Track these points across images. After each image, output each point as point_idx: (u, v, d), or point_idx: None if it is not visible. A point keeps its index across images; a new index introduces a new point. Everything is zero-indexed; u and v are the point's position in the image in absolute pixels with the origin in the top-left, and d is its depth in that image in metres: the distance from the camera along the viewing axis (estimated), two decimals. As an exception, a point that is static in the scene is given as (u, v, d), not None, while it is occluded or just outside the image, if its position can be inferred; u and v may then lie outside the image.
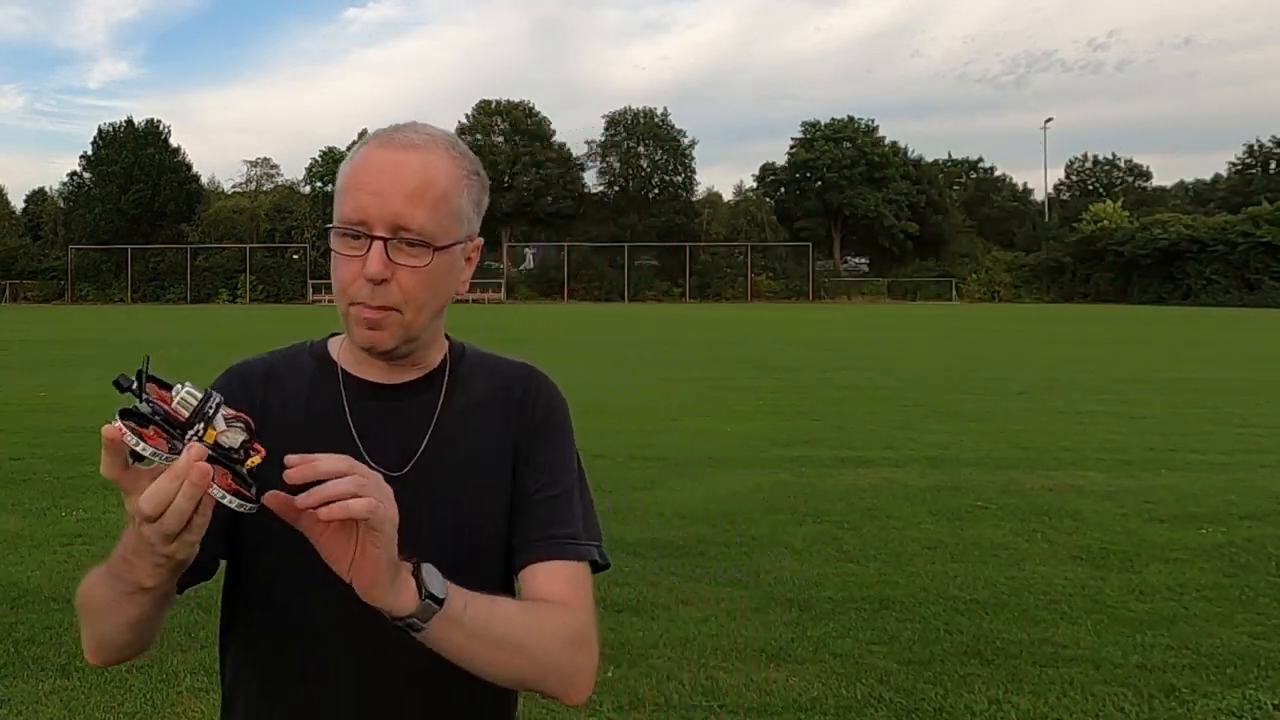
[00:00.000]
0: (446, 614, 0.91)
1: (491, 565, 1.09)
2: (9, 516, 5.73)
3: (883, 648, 3.79)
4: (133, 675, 3.45)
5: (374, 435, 1.08)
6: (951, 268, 64.25)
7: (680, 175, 68.16)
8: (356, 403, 1.10)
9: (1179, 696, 3.37)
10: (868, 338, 24.33)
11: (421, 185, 1.01)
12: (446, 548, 1.03)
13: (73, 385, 12.38)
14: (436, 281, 1.05)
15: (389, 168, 1.01)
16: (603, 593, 4.30)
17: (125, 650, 1.01)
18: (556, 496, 1.10)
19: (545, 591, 1.05)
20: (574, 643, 1.01)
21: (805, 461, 7.46)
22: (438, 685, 1.05)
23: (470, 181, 1.07)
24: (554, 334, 25.61)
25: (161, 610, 0.98)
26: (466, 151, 1.09)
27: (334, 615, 1.01)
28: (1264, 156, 67.06)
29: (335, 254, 1.04)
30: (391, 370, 1.12)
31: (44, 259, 62.75)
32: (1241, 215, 53.83)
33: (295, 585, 1.04)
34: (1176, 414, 10.09)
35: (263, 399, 1.10)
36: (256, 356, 1.18)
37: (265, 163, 73.20)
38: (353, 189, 1.02)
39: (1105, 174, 75.62)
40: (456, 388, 1.14)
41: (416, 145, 1.03)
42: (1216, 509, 5.97)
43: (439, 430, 1.10)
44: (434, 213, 1.02)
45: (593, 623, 1.05)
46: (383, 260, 1.00)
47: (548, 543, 1.07)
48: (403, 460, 1.08)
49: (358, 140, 1.09)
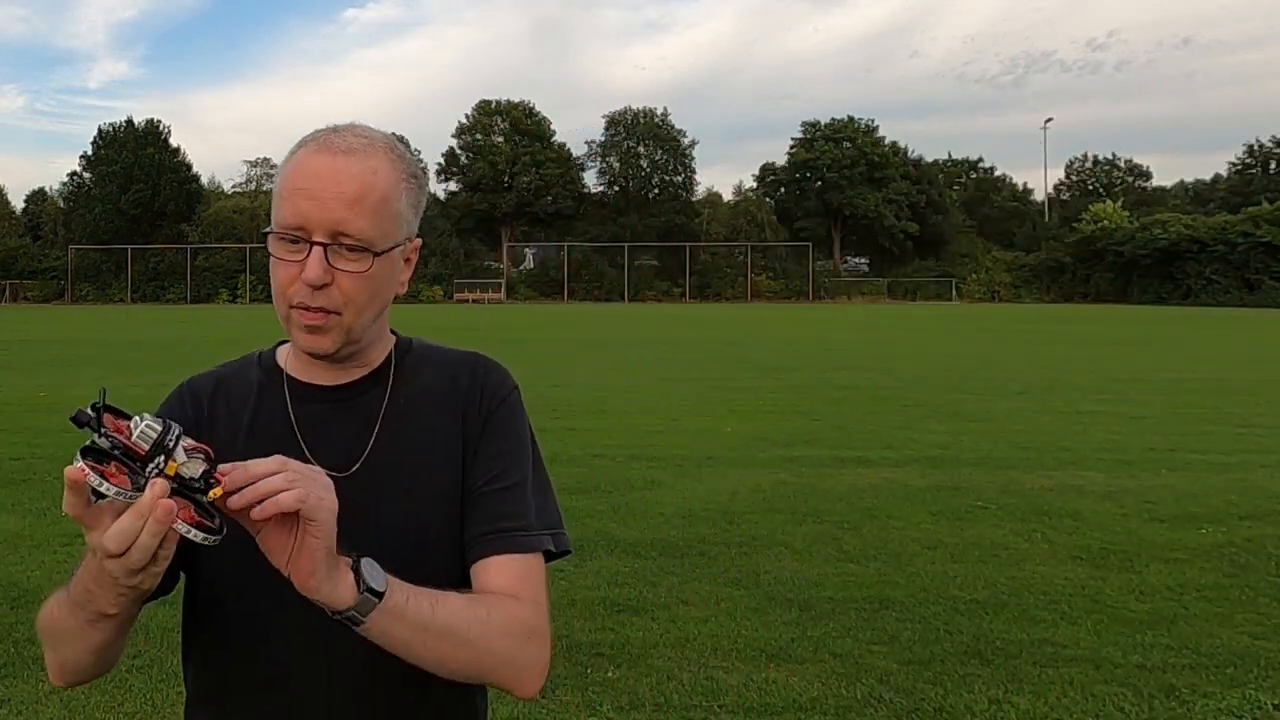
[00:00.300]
0: (386, 607, 0.90)
1: (442, 559, 1.08)
2: (9, 516, 5.72)
3: (883, 648, 3.79)
4: (133, 675, 3.45)
5: (319, 438, 1.09)
6: (951, 268, 64.27)
7: (680, 175, 68.22)
8: (301, 407, 1.11)
9: (1179, 696, 3.37)
10: (868, 338, 24.33)
11: (361, 190, 1.01)
12: (395, 544, 1.03)
13: (73, 385, 12.38)
14: (376, 284, 1.05)
15: (327, 173, 1.01)
16: (603, 593, 4.31)
17: (89, 671, 1.03)
18: (506, 488, 1.09)
19: (495, 585, 1.04)
20: (522, 634, 1.01)
21: (805, 461, 7.45)
22: (406, 685, 1.04)
23: (409, 184, 1.07)
24: (554, 334, 25.62)
25: (123, 634, 1.00)
26: (405, 153, 1.08)
27: (295, 619, 1.01)
28: (1264, 156, 67.08)
29: (274, 258, 1.04)
30: (337, 371, 1.12)
31: (44, 259, 62.76)
32: (1241, 215, 53.85)
33: (251, 591, 1.04)
34: (1176, 414, 10.09)
35: (210, 412, 1.12)
36: (205, 371, 1.18)
37: (265, 163, 73.17)
38: (291, 194, 1.02)
39: (1105, 174, 75.66)
40: (402, 382, 1.14)
41: (355, 150, 1.02)
42: (1216, 509, 5.97)
43: (385, 426, 1.10)
44: (374, 218, 1.02)
45: (543, 614, 1.04)
46: (322, 265, 1.00)
47: (497, 536, 1.06)
48: (349, 460, 1.08)
49: (296, 143, 1.07)
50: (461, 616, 0.97)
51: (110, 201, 61.31)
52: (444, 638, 0.95)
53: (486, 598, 1.02)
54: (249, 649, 1.06)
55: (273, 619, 1.04)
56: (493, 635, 0.98)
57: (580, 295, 61.88)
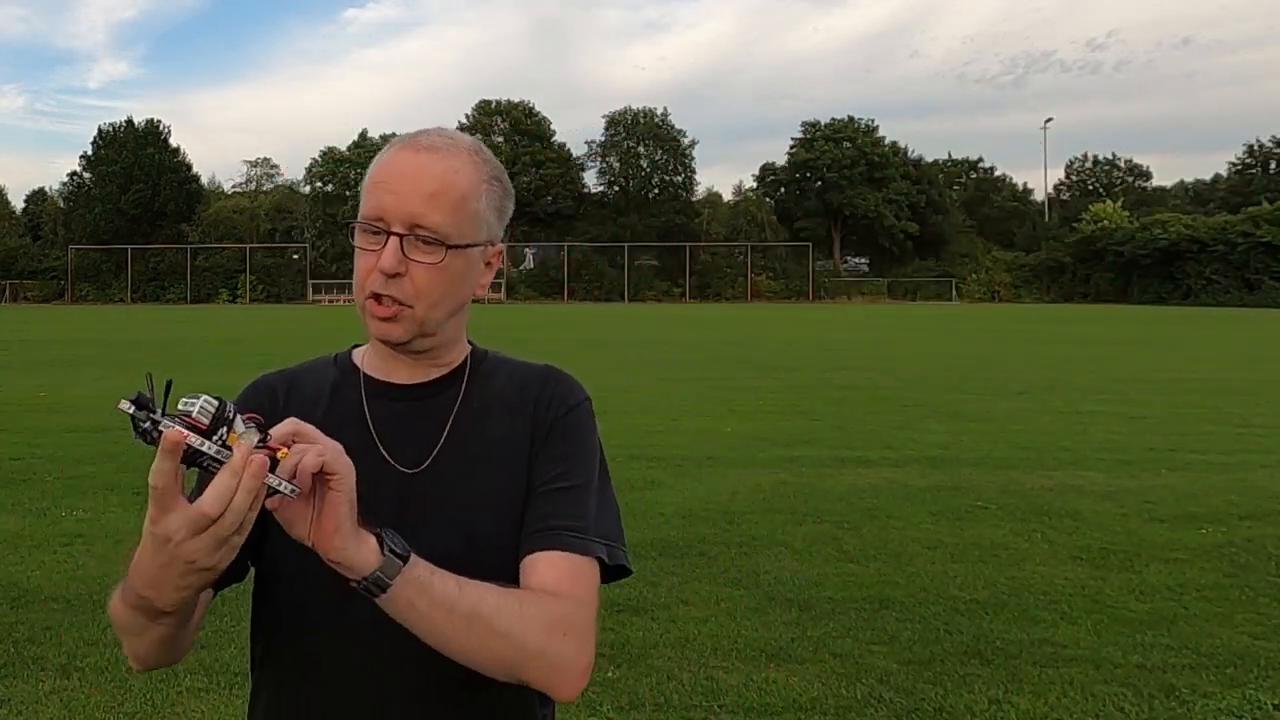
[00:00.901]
0: (410, 576, 0.89)
1: (498, 562, 1.08)
2: (9, 516, 5.72)
3: (883, 648, 3.79)
4: (133, 675, 3.45)
5: (393, 435, 1.11)
6: (951, 268, 64.26)
7: (680, 175, 68.19)
8: (376, 404, 1.13)
9: (1179, 696, 3.37)
10: (868, 338, 24.33)
11: (440, 186, 1.05)
12: (455, 543, 1.04)
13: (73, 385, 12.38)
14: (450, 279, 1.07)
15: (409, 168, 1.05)
16: (603, 593, 4.29)
17: (162, 659, 1.04)
18: (564, 489, 1.08)
19: (538, 581, 1.01)
20: (558, 628, 0.96)
21: (805, 461, 7.45)
22: (460, 688, 1.04)
23: (491, 186, 1.11)
24: (554, 334, 25.61)
25: (186, 624, 1.00)
26: (490, 158, 1.12)
27: (343, 607, 1.02)
28: (1264, 156, 67.08)
29: (356, 248, 1.08)
30: (413, 370, 1.14)
31: (44, 259, 62.76)
32: (1241, 215, 53.85)
33: (302, 580, 1.05)
34: (1176, 414, 10.09)
35: (284, 405, 1.13)
36: (277, 370, 1.21)
37: (265, 163, 73.40)
38: (374, 187, 1.07)
39: (1105, 174, 75.65)
40: (475, 386, 1.16)
41: (438, 148, 1.07)
42: (1216, 509, 5.97)
43: (456, 426, 1.12)
44: (451, 214, 1.05)
45: (586, 613, 1.00)
46: (397, 255, 1.04)
47: (548, 532, 1.04)
48: (419, 458, 1.10)
49: (381, 143, 1.11)
50: (491, 604, 0.94)
51: (110, 201, 61.31)
52: (472, 621, 0.92)
53: (523, 591, 1.00)
54: (298, 636, 1.09)
55: (319, 609, 1.06)
56: (525, 627, 0.95)
57: (580, 295, 61.88)
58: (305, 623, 1.08)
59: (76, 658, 3.62)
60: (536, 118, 67.48)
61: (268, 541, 1.06)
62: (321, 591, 1.00)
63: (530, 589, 1.01)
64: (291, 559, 1.01)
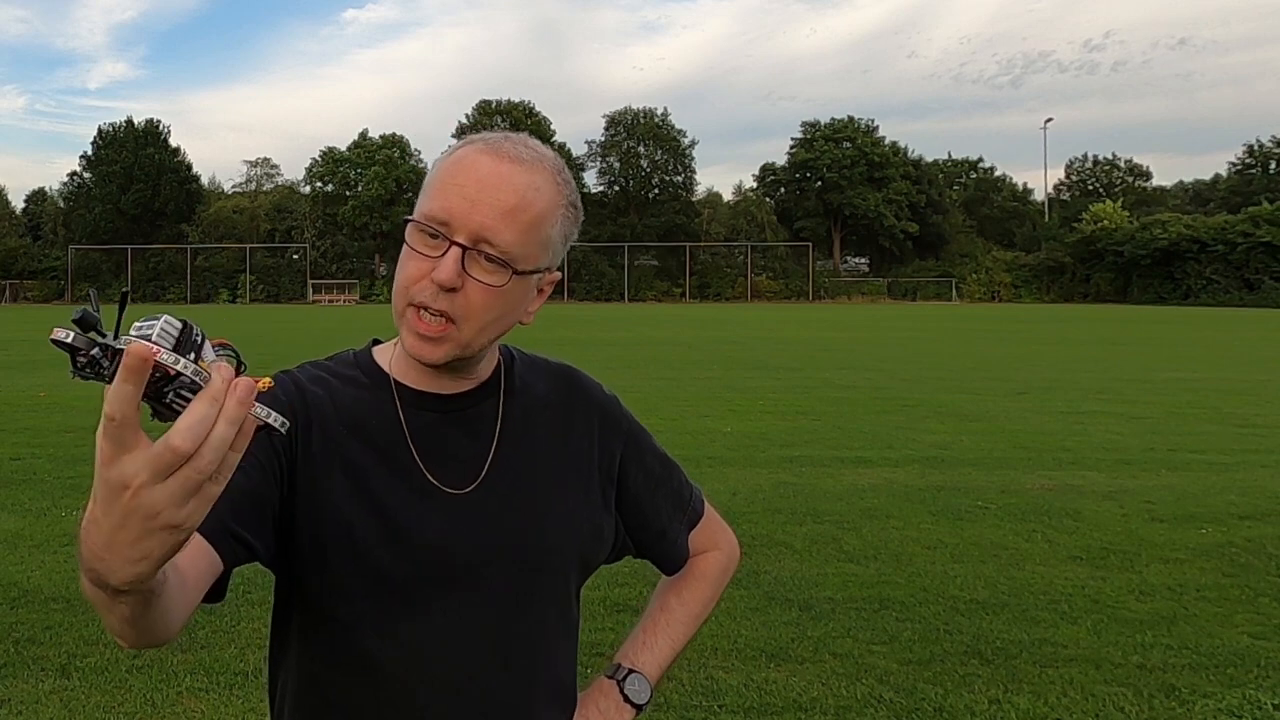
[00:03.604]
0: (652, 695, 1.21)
1: (559, 579, 1.07)
2: (9, 516, 5.72)
3: (883, 648, 3.79)
4: (133, 675, 3.45)
5: (433, 449, 1.03)
6: (951, 268, 64.24)
7: (680, 175, 68.14)
8: (412, 414, 1.04)
9: (1179, 696, 3.37)
10: (868, 338, 24.32)
11: (518, 203, 0.95)
12: (514, 564, 1.03)
13: (73, 385, 12.31)
14: (505, 305, 0.99)
15: (488, 176, 0.95)
16: (603, 593, 4.30)
17: (144, 639, 0.81)
18: (669, 477, 1.23)
19: (699, 546, 1.27)
20: (727, 572, 1.31)
21: (805, 461, 7.45)
22: None
23: (566, 213, 1.02)
24: (554, 334, 25.59)
25: (152, 608, 0.76)
26: (570, 180, 1.03)
27: (424, 659, 1.00)
28: (1264, 156, 67.01)
29: (407, 248, 0.97)
30: (446, 380, 1.05)
31: (44, 259, 62.75)
32: (1241, 215, 53.83)
33: (378, 626, 1.00)
34: (1176, 414, 10.08)
35: (317, 404, 1.03)
36: (303, 365, 1.10)
37: (265, 163, 73.41)
38: (443, 187, 0.96)
39: (1105, 174, 75.56)
40: (514, 393, 1.10)
41: (523, 160, 0.97)
42: (1216, 509, 5.97)
43: (503, 441, 1.06)
44: (523, 235, 0.96)
45: (724, 529, 1.32)
46: (456, 268, 0.94)
47: (689, 514, 1.26)
48: (466, 477, 1.04)
49: (463, 140, 1.02)
50: (692, 610, 1.29)
51: (110, 201, 61.32)
52: (690, 631, 1.30)
53: (693, 575, 1.28)
54: (375, 684, 1.01)
55: (411, 658, 1.01)
56: (714, 592, 1.31)
57: (580, 295, 61.86)
58: (372, 629, 1.01)
59: (76, 658, 3.62)
60: (536, 118, 67.43)
61: (343, 580, 0.99)
62: (388, 598, 0.99)
63: (694, 571, 1.28)
64: (363, 573, 0.99)
